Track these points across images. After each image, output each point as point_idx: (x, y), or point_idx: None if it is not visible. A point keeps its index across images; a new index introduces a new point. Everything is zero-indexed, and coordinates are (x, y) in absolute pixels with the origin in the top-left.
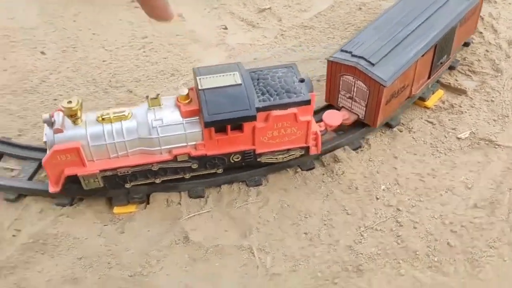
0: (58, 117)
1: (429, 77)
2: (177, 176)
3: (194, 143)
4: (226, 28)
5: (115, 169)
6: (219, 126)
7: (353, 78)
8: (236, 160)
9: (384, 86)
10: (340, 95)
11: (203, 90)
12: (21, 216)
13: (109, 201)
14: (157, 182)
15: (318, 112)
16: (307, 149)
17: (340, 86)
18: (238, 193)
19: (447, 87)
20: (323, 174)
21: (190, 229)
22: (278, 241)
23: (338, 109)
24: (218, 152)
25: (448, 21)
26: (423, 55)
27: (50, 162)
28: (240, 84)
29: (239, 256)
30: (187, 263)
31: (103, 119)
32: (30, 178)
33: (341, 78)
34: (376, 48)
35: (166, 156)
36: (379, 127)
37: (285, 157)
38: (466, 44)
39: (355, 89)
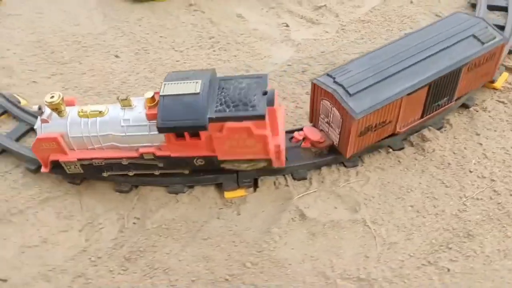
0: (47, 109)
1: (421, 117)
2: (148, 172)
3: (158, 144)
4: (287, 26)
5: (90, 159)
6: (172, 132)
7: (330, 104)
8: (200, 163)
9: (355, 118)
10: (320, 118)
11: (162, 96)
12: (137, 206)
13: (218, 187)
14: (130, 175)
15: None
16: (270, 160)
17: (320, 110)
18: (338, 174)
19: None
20: (415, 153)
21: (303, 207)
22: (387, 214)
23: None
24: (182, 155)
25: (448, 64)
26: (409, 94)
27: (36, 148)
28: (198, 93)
29: (354, 229)
30: (308, 238)
31: (82, 114)
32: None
33: (321, 102)
34: (360, 79)
35: (133, 153)
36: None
37: (248, 165)
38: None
39: (331, 115)
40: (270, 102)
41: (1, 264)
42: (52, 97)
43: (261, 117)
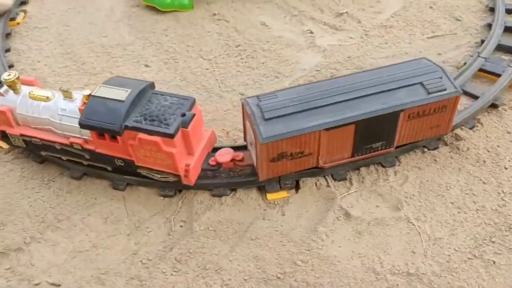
0: (5, 85)
1: (352, 156)
2: (77, 160)
3: (87, 137)
4: (312, 32)
5: (30, 137)
6: (90, 130)
7: (249, 125)
8: (120, 164)
9: (261, 143)
10: (247, 137)
11: (93, 96)
12: (182, 210)
13: (260, 190)
14: (63, 159)
15: None
16: (179, 176)
17: (247, 129)
18: (377, 174)
19: None
20: (450, 152)
21: (347, 206)
22: (429, 211)
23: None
24: (104, 152)
25: (379, 107)
26: (328, 129)
27: None
28: (122, 101)
29: (399, 226)
30: (354, 236)
31: (31, 95)
32: None
33: (246, 122)
34: (280, 106)
35: (65, 141)
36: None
37: (161, 176)
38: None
39: (251, 136)
40: (185, 124)
41: (52, 270)
42: (9, 75)
43: (170, 136)
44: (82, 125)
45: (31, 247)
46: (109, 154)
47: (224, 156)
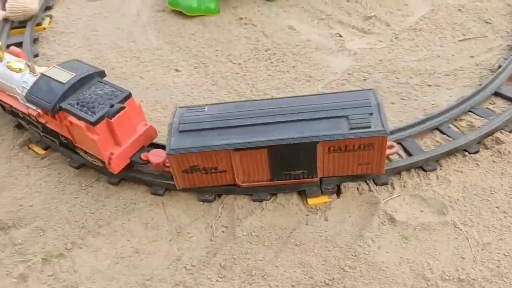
0: None
1: (272, 180)
2: (35, 129)
3: (40, 111)
4: (341, 36)
5: (3, 102)
6: (32, 104)
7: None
8: (64, 141)
9: (167, 154)
10: None
11: (43, 74)
12: (223, 215)
13: (300, 194)
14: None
15: None
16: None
17: None
18: (418, 178)
19: None
20: (491, 155)
21: (391, 211)
22: (476, 216)
23: None
24: (52, 127)
25: (292, 135)
26: (237, 150)
27: None
28: (63, 83)
29: (445, 231)
30: (401, 241)
31: (8, 65)
32: None
33: None
34: (202, 120)
35: (25, 110)
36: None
37: (92, 159)
38: None
39: None
40: (109, 115)
41: (96, 276)
42: None
43: (91, 123)
44: (27, 99)
45: (73, 253)
46: (54, 130)
47: (156, 157)
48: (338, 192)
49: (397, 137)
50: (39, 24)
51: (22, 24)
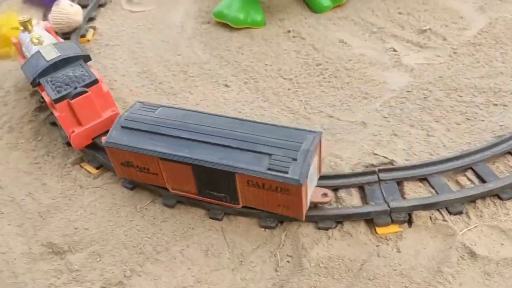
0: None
1: (198, 195)
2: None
3: None
4: (395, 50)
5: None
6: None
7: None
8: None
9: (103, 144)
10: None
11: (38, 50)
12: (286, 243)
13: (368, 223)
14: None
15: None
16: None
17: None
18: (495, 206)
19: None
20: None
21: (470, 244)
22: None
23: None
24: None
25: (213, 160)
26: (162, 159)
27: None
28: (47, 61)
29: None
30: (483, 278)
31: (32, 37)
32: None
33: None
34: (145, 121)
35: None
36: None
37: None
38: None
39: None
40: (69, 96)
41: None
42: (23, 17)
43: (53, 101)
44: (21, 69)
45: (132, 281)
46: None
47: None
48: (410, 221)
49: (467, 162)
50: (83, 36)
51: (65, 35)
